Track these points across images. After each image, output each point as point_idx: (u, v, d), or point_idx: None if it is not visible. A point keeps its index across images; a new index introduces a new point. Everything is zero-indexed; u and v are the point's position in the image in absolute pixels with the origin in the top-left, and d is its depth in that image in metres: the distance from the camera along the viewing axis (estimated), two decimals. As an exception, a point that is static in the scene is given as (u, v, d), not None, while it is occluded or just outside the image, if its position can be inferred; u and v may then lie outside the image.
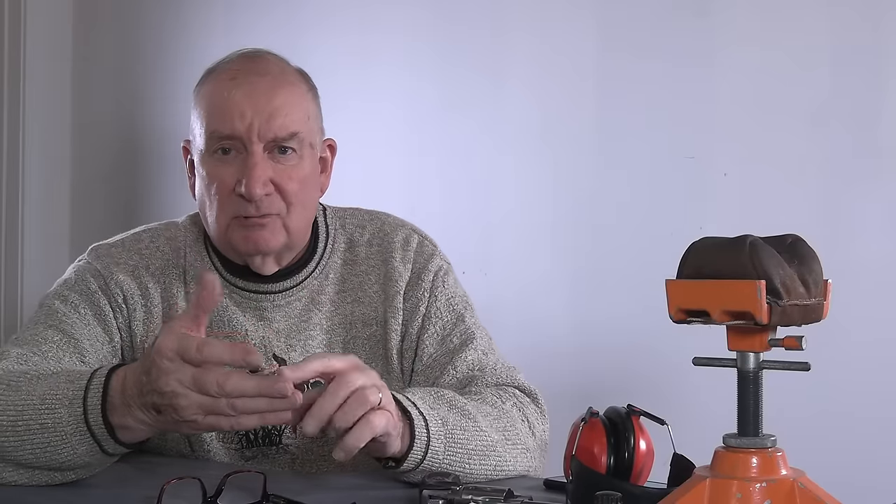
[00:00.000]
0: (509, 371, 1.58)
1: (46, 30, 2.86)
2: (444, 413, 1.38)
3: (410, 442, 1.32)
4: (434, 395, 1.41)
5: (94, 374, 1.28)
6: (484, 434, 1.40)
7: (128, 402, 1.23)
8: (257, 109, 1.51)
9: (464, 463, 1.37)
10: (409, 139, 2.42)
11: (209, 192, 1.54)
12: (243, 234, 1.53)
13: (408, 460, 1.32)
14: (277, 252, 1.57)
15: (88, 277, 1.57)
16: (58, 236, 2.90)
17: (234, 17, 2.64)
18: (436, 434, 1.34)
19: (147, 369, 1.20)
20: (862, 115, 1.97)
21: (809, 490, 0.95)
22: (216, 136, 1.52)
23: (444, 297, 1.62)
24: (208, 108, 1.54)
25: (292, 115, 1.53)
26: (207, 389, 1.16)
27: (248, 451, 1.55)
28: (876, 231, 1.96)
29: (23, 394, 1.31)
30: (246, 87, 1.52)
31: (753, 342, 0.97)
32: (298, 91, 1.57)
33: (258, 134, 1.51)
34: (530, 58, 2.29)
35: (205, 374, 1.17)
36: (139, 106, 2.82)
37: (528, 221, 2.29)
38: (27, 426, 1.28)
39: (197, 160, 1.57)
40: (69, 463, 1.28)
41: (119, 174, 2.85)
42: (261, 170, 1.50)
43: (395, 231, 1.66)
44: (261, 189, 1.50)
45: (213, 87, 1.56)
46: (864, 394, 1.95)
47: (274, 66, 1.57)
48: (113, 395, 1.24)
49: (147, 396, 1.20)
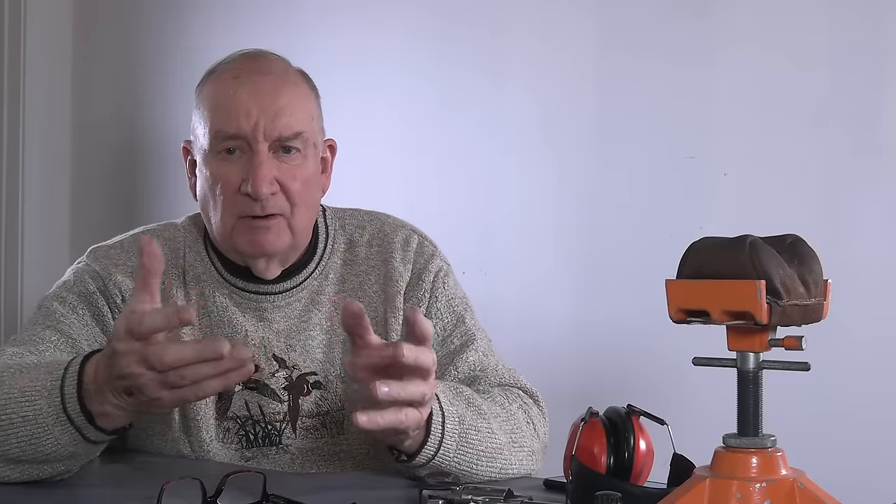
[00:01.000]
0: (511, 372, 1.58)
1: (46, 30, 2.85)
2: (462, 410, 1.37)
3: (425, 437, 1.32)
4: (453, 390, 1.41)
5: (70, 363, 1.29)
6: (494, 436, 1.40)
7: (101, 388, 1.24)
8: (262, 108, 1.51)
9: (472, 464, 1.37)
10: (408, 139, 2.42)
11: (213, 192, 1.54)
12: (249, 237, 1.53)
13: (420, 455, 1.32)
14: (282, 254, 1.57)
15: (87, 279, 1.58)
16: (58, 236, 2.90)
17: (234, 18, 2.64)
18: (451, 432, 1.34)
19: (109, 354, 1.22)
20: (862, 115, 1.97)
21: (809, 490, 0.95)
22: (221, 136, 1.52)
23: (445, 298, 1.62)
24: (212, 108, 1.54)
25: (297, 115, 1.53)
26: (153, 365, 1.18)
27: (247, 452, 1.56)
28: (876, 231, 1.96)
29: (5, 388, 1.32)
30: (250, 86, 1.52)
31: (753, 342, 0.97)
32: (302, 91, 1.57)
33: (263, 133, 1.51)
34: (530, 57, 2.28)
35: (146, 349, 1.18)
36: (139, 106, 2.82)
37: (527, 221, 2.29)
38: (10, 420, 1.29)
39: (200, 160, 1.57)
40: (55, 454, 1.29)
41: (119, 174, 2.85)
42: (266, 168, 1.50)
43: (395, 231, 1.66)
44: (267, 188, 1.50)
45: (216, 86, 1.56)
46: (863, 394, 1.95)
47: (276, 66, 1.58)
48: (87, 382, 1.25)
49: (114, 381, 1.22)
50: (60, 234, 2.91)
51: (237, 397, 1.56)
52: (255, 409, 1.56)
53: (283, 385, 1.57)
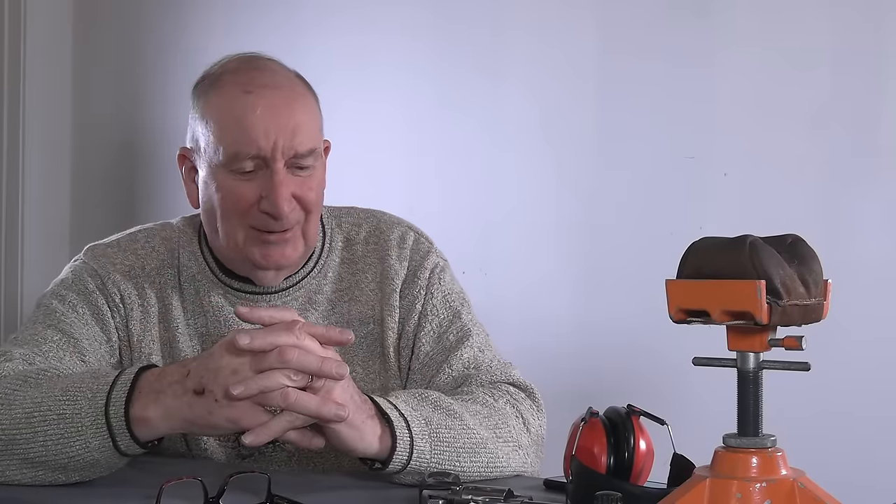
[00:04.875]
0: (504, 367, 1.57)
1: (46, 30, 2.86)
2: (428, 413, 1.38)
3: (393, 444, 1.32)
4: (418, 396, 1.42)
5: (123, 371, 1.32)
6: (472, 432, 1.40)
7: (161, 388, 1.28)
8: (280, 127, 1.50)
9: (454, 461, 1.37)
10: (408, 139, 2.42)
11: (225, 207, 1.53)
12: (263, 250, 1.53)
13: (393, 461, 1.33)
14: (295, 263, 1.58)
15: (86, 277, 1.58)
16: (58, 236, 2.90)
17: (234, 18, 2.64)
18: (419, 433, 1.34)
19: (201, 356, 1.30)
20: (862, 116, 1.97)
21: (809, 490, 0.95)
22: (241, 157, 1.50)
23: (441, 293, 1.62)
24: (225, 124, 1.52)
25: (310, 132, 1.53)
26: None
27: (244, 450, 1.55)
28: (876, 231, 1.96)
29: (43, 389, 1.33)
30: (265, 104, 1.50)
31: (753, 342, 0.97)
32: (310, 103, 1.57)
33: (281, 151, 1.50)
34: (530, 57, 2.29)
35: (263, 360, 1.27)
36: (139, 106, 2.82)
37: (527, 221, 2.29)
38: (43, 417, 1.30)
39: (207, 172, 1.54)
40: (78, 458, 1.29)
41: (119, 174, 2.85)
42: (286, 188, 1.50)
43: (391, 229, 1.66)
44: (287, 207, 1.50)
45: (225, 100, 1.53)
46: (863, 393, 1.95)
47: (282, 77, 1.56)
48: (143, 384, 1.28)
49: (197, 375, 1.27)
50: (60, 234, 2.91)
51: (235, 397, 1.56)
52: (252, 408, 1.56)
53: (281, 384, 1.57)
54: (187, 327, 1.58)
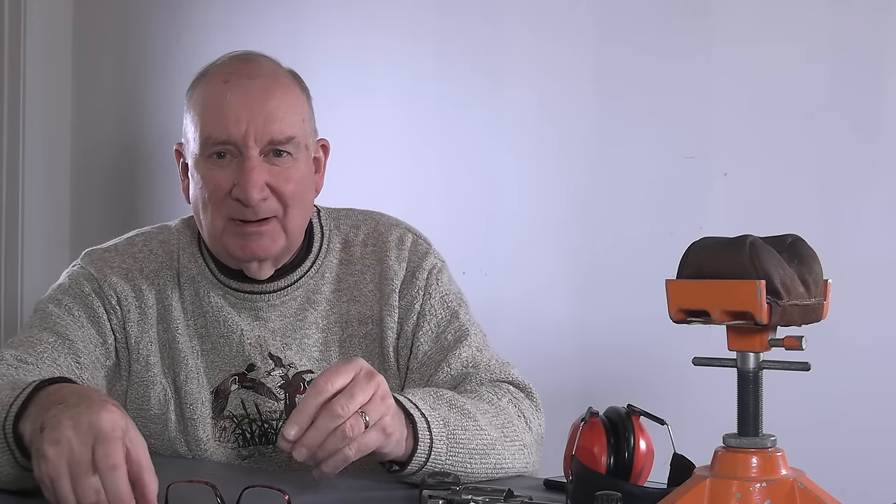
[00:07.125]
0: (503, 366, 1.58)
1: (46, 30, 2.86)
2: (445, 413, 1.38)
3: (414, 445, 1.32)
4: (434, 395, 1.41)
5: (32, 383, 1.24)
6: (484, 433, 1.41)
7: (43, 406, 1.17)
8: (252, 113, 1.51)
9: (465, 463, 1.37)
10: (409, 138, 2.42)
11: (204, 196, 1.54)
12: (240, 241, 1.53)
13: (412, 463, 1.32)
14: (276, 256, 1.57)
15: (82, 281, 1.58)
16: (58, 237, 2.90)
17: (234, 18, 2.65)
18: (438, 435, 1.34)
19: (81, 402, 1.14)
20: (862, 115, 1.97)
21: (809, 490, 0.95)
22: (211, 142, 1.52)
23: (439, 294, 1.62)
24: (202, 113, 1.54)
25: (288, 119, 1.53)
26: None
27: (244, 450, 1.56)
28: (876, 231, 1.96)
29: None
30: (239, 91, 1.52)
31: (753, 342, 0.96)
32: (293, 93, 1.57)
33: (254, 138, 1.51)
34: (530, 56, 2.29)
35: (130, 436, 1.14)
36: (139, 106, 2.82)
37: (526, 221, 2.29)
38: None
39: (191, 164, 1.57)
40: (3, 474, 1.24)
41: (119, 174, 2.85)
42: (257, 174, 1.50)
43: (389, 230, 1.67)
44: (257, 194, 1.50)
45: (205, 90, 1.56)
46: (863, 393, 1.95)
47: (266, 69, 1.57)
48: (40, 398, 1.19)
49: (51, 411, 1.14)
50: (60, 235, 2.91)
51: (233, 396, 1.56)
52: (251, 407, 1.56)
53: (280, 383, 1.57)
54: (187, 328, 1.59)
